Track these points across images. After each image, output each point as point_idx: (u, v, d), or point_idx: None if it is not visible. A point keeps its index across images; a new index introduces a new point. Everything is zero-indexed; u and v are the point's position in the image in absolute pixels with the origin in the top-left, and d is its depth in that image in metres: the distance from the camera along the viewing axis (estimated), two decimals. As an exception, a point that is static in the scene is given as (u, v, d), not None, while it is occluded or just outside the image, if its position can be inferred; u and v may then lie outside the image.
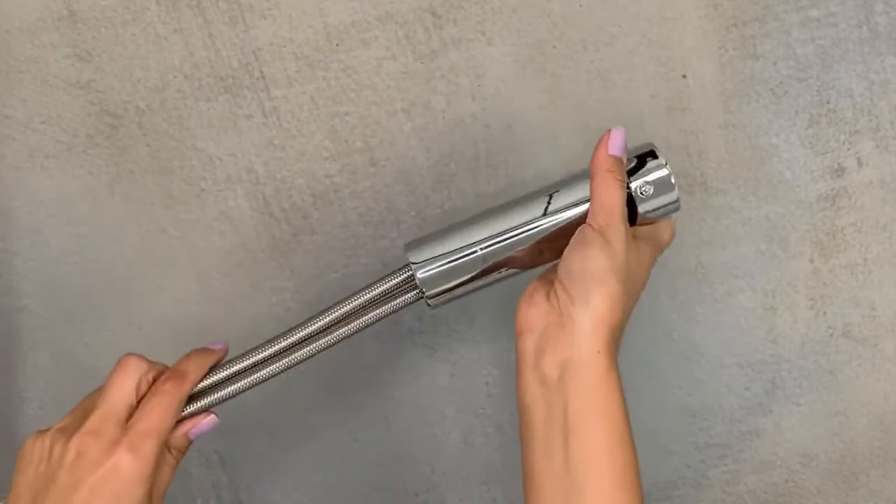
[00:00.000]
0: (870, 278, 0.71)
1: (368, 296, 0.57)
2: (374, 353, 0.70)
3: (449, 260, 0.56)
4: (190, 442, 0.53)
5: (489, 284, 0.57)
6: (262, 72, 0.68)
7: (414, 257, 0.56)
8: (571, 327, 0.48)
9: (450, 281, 0.56)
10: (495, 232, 0.56)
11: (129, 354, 0.52)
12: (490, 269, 0.56)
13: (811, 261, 0.71)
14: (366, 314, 0.56)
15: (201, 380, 0.53)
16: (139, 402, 0.50)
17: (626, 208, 0.52)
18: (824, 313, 0.71)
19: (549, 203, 0.56)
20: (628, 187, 0.55)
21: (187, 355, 0.55)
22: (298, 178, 0.69)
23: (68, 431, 0.48)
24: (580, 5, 0.68)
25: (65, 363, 0.70)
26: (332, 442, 0.71)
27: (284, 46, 0.68)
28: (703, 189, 0.70)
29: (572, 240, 0.52)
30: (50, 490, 0.46)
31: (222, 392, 0.55)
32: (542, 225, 0.55)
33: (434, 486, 0.72)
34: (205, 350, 0.55)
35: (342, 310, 0.57)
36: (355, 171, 0.69)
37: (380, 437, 0.71)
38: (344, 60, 0.68)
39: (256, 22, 0.67)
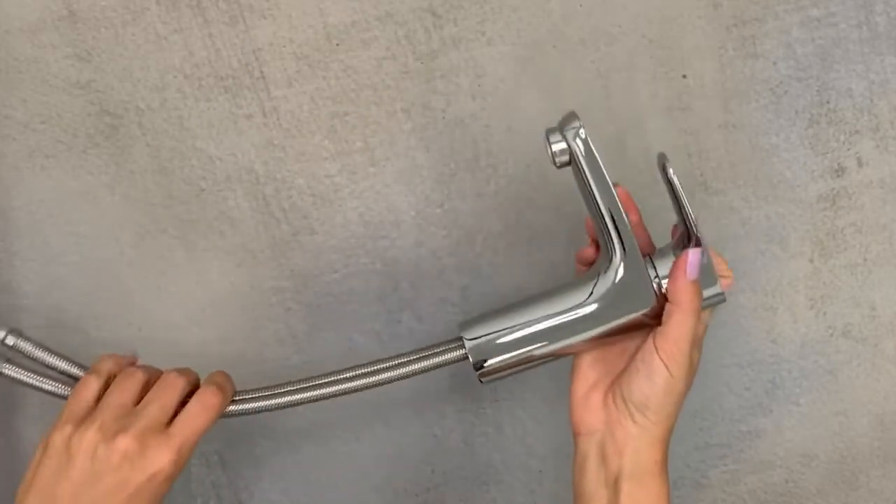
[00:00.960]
0: (870, 278, 0.71)
1: (418, 366, 0.58)
2: (374, 353, 0.70)
3: (505, 355, 0.55)
4: None
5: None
6: (262, 72, 0.68)
7: (468, 334, 0.56)
8: (633, 442, 0.53)
9: (503, 370, 0.56)
10: (554, 329, 0.55)
11: (177, 375, 0.55)
12: (545, 356, 0.56)
13: (811, 261, 0.71)
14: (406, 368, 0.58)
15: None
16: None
17: (693, 336, 0.53)
18: (824, 313, 0.71)
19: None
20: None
21: (221, 373, 0.58)
22: (298, 178, 0.69)
23: (110, 432, 0.50)
24: (580, 5, 0.68)
25: (65, 363, 0.70)
26: (332, 442, 0.71)
27: (284, 46, 0.68)
28: (703, 189, 0.70)
29: (639, 360, 0.53)
30: (95, 487, 0.49)
31: (248, 406, 0.59)
32: (603, 328, 0.55)
33: (434, 486, 0.72)
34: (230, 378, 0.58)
35: (387, 374, 0.58)
36: (355, 171, 0.69)
37: (380, 437, 0.71)
38: (344, 60, 0.68)
39: (256, 22, 0.68)
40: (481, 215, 0.70)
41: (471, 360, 0.56)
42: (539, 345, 0.55)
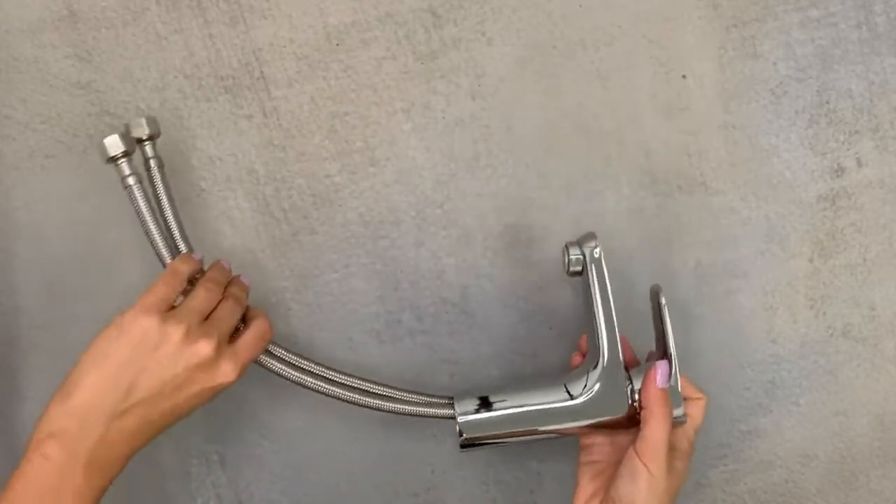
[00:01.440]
0: (869, 278, 0.71)
1: (406, 408, 0.64)
2: (373, 352, 0.70)
3: (488, 433, 0.63)
4: None
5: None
6: (262, 72, 0.68)
7: (461, 408, 0.63)
8: None
9: (484, 444, 0.63)
10: (536, 418, 0.62)
11: (240, 291, 0.62)
12: (523, 437, 0.63)
13: (811, 261, 0.71)
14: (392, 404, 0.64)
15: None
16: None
17: (668, 440, 0.59)
18: (824, 313, 0.71)
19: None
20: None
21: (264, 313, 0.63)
22: (298, 178, 0.69)
23: (193, 336, 0.56)
24: (580, 5, 0.68)
25: (64, 363, 0.70)
26: (332, 442, 0.71)
27: (284, 47, 0.68)
28: (703, 189, 0.70)
29: (623, 466, 0.59)
30: (167, 379, 0.55)
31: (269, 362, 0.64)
32: (580, 424, 0.62)
33: (434, 486, 0.72)
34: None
35: (377, 401, 0.64)
36: (355, 171, 0.69)
37: (380, 437, 0.71)
38: (344, 60, 0.68)
39: (257, 22, 0.68)
40: (481, 215, 0.70)
41: (459, 432, 0.62)
42: (519, 429, 0.62)
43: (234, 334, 0.60)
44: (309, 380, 0.63)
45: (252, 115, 0.68)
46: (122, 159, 0.60)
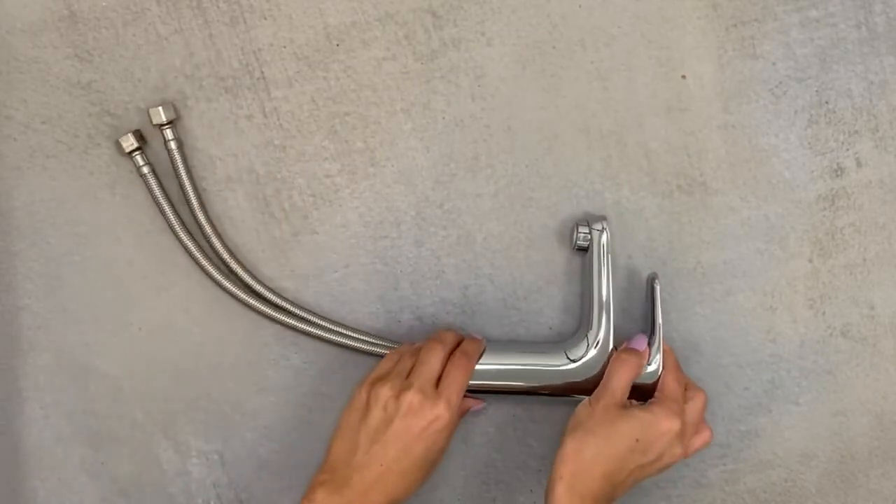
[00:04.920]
0: (869, 278, 0.71)
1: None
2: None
3: (483, 385, 0.67)
4: (465, 412, 0.69)
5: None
6: (262, 72, 0.68)
7: None
8: (555, 460, 0.62)
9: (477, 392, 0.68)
10: (519, 373, 0.67)
11: (444, 332, 0.67)
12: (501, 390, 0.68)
13: (810, 261, 0.71)
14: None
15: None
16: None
17: (624, 388, 0.64)
18: (823, 313, 0.71)
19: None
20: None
21: (468, 341, 0.67)
22: (298, 178, 0.69)
23: (397, 389, 0.63)
24: (580, 6, 0.68)
25: (65, 363, 0.70)
26: (332, 442, 0.71)
27: (285, 47, 0.68)
28: (702, 189, 0.70)
29: None
30: (387, 431, 0.62)
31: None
32: (558, 384, 0.67)
33: (434, 486, 0.72)
34: (477, 341, 0.68)
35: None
36: (355, 171, 0.69)
37: (380, 437, 0.71)
38: (344, 60, 0.68)
39: (257, 22, 0.68)
40: (481, 215, 0.70)
41: None
42: (499, 382, 0.67)
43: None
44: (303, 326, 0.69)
45: (252, 115, 0.69)
46: (136, 153, 0.67)
